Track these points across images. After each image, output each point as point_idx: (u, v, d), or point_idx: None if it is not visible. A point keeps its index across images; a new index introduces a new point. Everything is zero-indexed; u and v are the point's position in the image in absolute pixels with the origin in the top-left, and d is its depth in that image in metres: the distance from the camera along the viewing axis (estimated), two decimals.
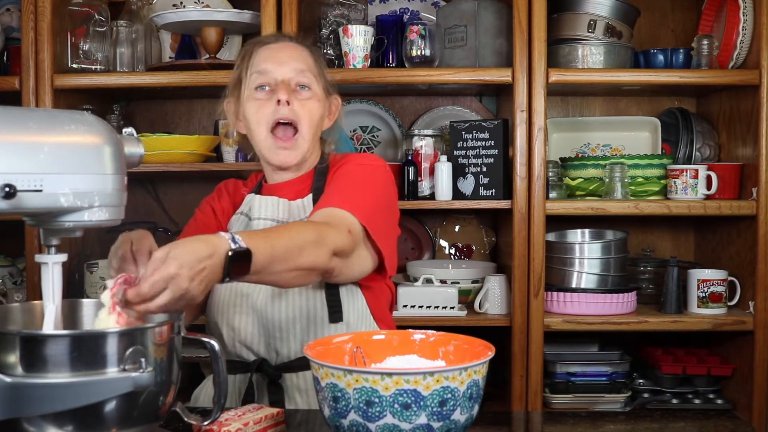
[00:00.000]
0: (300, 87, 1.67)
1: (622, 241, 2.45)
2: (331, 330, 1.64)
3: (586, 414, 1.51)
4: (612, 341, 2.57)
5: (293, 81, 1.67)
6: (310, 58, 1.71)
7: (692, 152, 2.58)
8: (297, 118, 1.65)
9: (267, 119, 1.66)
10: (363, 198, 1.59)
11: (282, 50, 1.70)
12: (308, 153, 1.70)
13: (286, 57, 1.68)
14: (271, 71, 1.67)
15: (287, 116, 1.65)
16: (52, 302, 1.15)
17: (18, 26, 2.57)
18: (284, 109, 1.64)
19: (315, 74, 1.70)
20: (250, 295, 1.65)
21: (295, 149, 1.67)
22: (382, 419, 1.09)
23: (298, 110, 1.66)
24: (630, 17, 2.52)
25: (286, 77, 1.66)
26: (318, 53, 1.76)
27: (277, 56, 1.68)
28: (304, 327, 1.64)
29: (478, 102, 2.81)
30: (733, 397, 2.47)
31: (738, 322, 2.38)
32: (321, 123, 1.72)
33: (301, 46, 1.73)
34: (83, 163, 1.09)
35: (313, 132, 1.69)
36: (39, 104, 2.35)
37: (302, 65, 1.68)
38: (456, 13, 2.46)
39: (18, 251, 2.68)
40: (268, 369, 1.64)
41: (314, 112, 1.68)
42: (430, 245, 2.84)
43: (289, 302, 1.64)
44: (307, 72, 1.68)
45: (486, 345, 1.22)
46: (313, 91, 1.68)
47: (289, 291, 1.64)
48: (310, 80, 1.68)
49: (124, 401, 1.09)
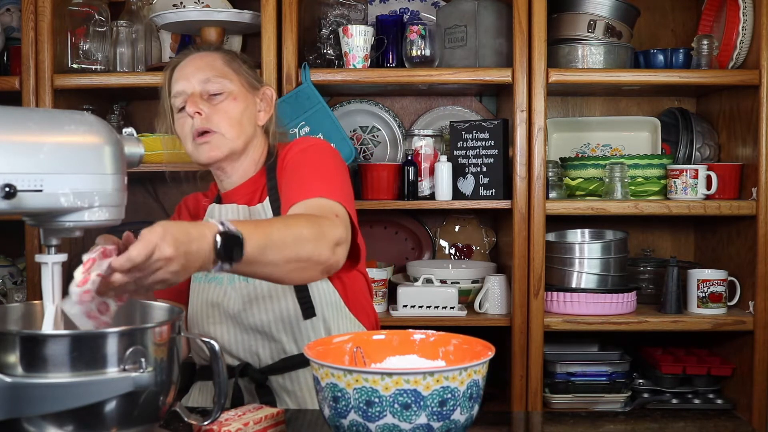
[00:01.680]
0: (212, 95, 1.68)
1: (622, 241, 2.45)
2: (307, 326, 1.65)
3: (586, 414, 1.51)
4: (612, 341, 2.57)
5: (203, 92, 1.67)
6: (219, 60, 1.71)
7: (692, 152, 2.58)
8: (211, 124, 1.66)
9: (189, 133, 1.68)
10: (333, 182, 1.57)
11: (188, 65, 1.70)
12: (237, 147, 1.69)
13: (192, 70, 1.69)
14: (182, 90, 1.69)
15: (202, 126, 1.66)
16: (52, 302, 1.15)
17: (18, 26, 2.57)
18: (197, 120, 1.66)
19: (227, 75, 1.69)
20: (221, 304, 1.67)
21: (215, 142, 1.67)
22: (382, 419, 1.09)
23: (212, 116, 1.66)
24: (630, 17, 2.52)
25: (195, 90, 1.67)
26: (231, 54, 1.76)
27: (184, 73, 1.70)
28: (279, 328, 1.65)
29: (478, 102, 2.81)
30: (733, 397, 2.47)
31: (738, 322, 2.38)
32: (247, 118, 1.71)
33: (210, 52, 1.73)
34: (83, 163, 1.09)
35: (236, 128, 1.68)
36: (39, 104, 2.35)
37: (208, 73, 1.68)
38: (456, 13, 2.46)
39: (18, 251, 2.68)
40: (252, 373, 1.65)
41: (231, 110, 1.68)
42: (430, 245, 2.84)
43: (261, 306, 1.65)
44: (215, 77, 1.67)
45: (486, 345, 1.22)
46: (226, 92, 1.68)
47: (259, 295, 1.64)
48: (221, 84, 1.68)
49: (124, 401, 1.09)
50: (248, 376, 1.66)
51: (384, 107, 2.79)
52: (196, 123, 1.66)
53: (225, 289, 1.67)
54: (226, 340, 1.67)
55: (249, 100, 1.72)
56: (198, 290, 1.71)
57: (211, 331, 1.68)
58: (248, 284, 1.65)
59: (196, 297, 1.71)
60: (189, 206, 1.85)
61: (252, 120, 1.72)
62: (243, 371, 1.65)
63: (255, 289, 1.65)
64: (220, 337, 1.67)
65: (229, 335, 1.67)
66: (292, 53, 2.33)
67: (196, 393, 1.75)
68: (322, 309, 1.66)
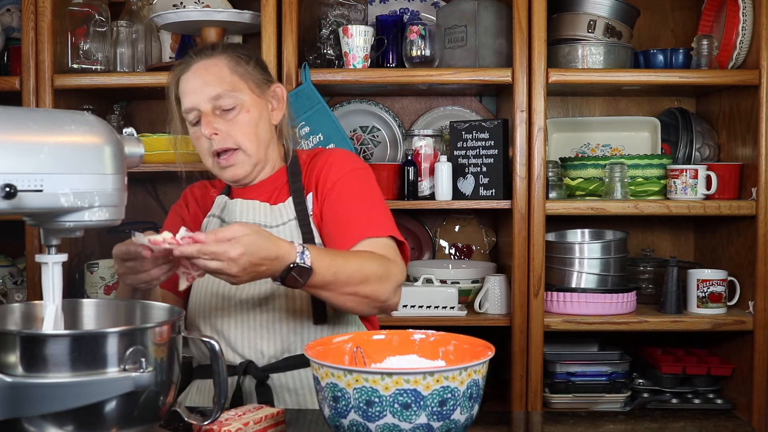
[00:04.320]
0: (225, 110, 1.65)
1: (621, 241, 2.45)
2: (317, 330, 1.65)
3: (586, 414, 1.51)
4: (612, 341, 2.57)
5: (215, 108, 1.65)
6: (225, 68, 1.67)
7: (692, 152, 2.58)
8: (229, 142, 1.65)
9: (208, 151, 1.68)
10: (390, 217, 1.67)
11: (195, 77, 1.67)
12: (259, 158, 1.69)
13: (200, 84, 1.65)
14: (193, 107, 1.66)
15: (220, 146, 1.66)
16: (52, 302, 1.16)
17: (18, 26, 2.57)
18: (215, 141, 1.65)
19: (236, 85, 1.66)
20: (233, 297, 1.66)
21: (240, 163, 1.68)
22: (382, 419, 1.09)
23: (228, 132, 1.65)
24: (630, 17, 2.52)
25: (207, 109, 1.65)
26: (235, 56, 1.70)
27: (192, 87, 1.66)
28: (290, 327, 1.64)
29: (478, 102, 2.82)
30: (733, 397, 2.47)
31: (737, 322, 2.38)
32: (263, 125, 1.69)
33: (214, 59, 1.68)
34: (83, 163, 1.10)
35: (255, 141, 1.67)
36: (39, 104, 2.35)
37: (216, 86, 1.64)
38: (456, 13, 2.46)
39: (18, 251, 2.68)
40: (255, 371, 1.64)
41: (246, 123, 1.66)
42: (430, 245, 2.84)
43: (274, 303, 1.64)
44: (225, 92, 1.64)
45: (486, 345, 1.23)
46: (239, 104, 1.65)
47: (274, 292, 1.64)
48: (231, 96, 1.65)
49: (125, 401, 1.09)
50: (250, 373, 1.64)
51: (384, 107, 2.79)
52: (215, 144, 1.65)
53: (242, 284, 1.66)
54: (232, 335, 1.65)
55: (261, 105, 1.70)
56: (209, 279, 1.67)
57: (217, 323, 1.66)
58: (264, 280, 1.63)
59: (206, 287, 1.68)
60: (196, 195, 1.83)
61: (267, 125, 1.71)
62: (246, 369, 1.64)
63: (270, 285, 1.62)
64: (226, 331, 1.65)
65: (235, 330, 1.65)
66: (292, 53, 2.33)
67: (194, 392, 1.74)
68: (334, 315, 1.66)
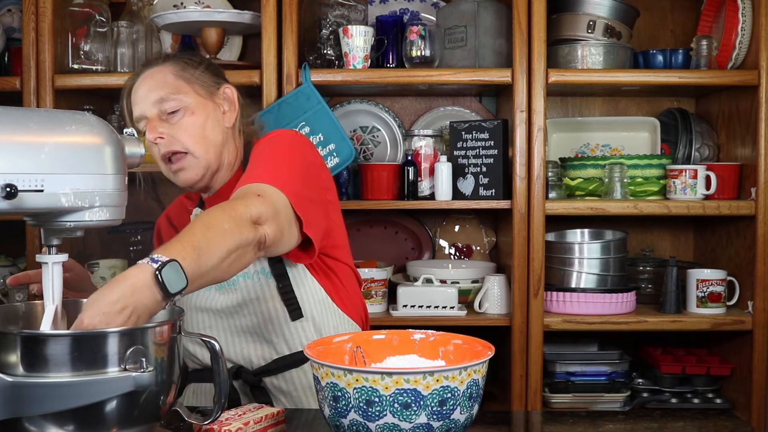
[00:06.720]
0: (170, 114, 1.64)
1: (621, 241, 2.46)
2: (297, 327, 1.64)
3: (586, 413, 1.51)
4: (611, 341, 2.57)
5: (160, 113, 1.64)
6: (169, 74, 1.66)
7: (691, 152, 2.58)
8: (175, 144, 1.64)
9: (159, 158, 1.67)
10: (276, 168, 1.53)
11: (141, 87, 1.67)
12: (209, 161, 1.67)
13: (145, 92, 1.66)
14: (141, 115, 1.66)
15: (167, 150, 1.64)
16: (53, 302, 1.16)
17: (19, 27, 2.57)
18: (161, 146, 1.64)
19: (180, 88, 1.65)
20: (209, 310, 1.67)
21: (190, 167, 1.65)
22: (382, 419, 1.09)
23: (174, 135, 1.64)
24: (629, 18, 2.52)
25: (152, 114, 1.65)
26: (181, 62, 1.69)
27: (138, 97, 1.67)
28: (270, 330, 1.65)
29: (478, 102, 2.82)
30: (732, 396, 2.47)
31: (737, 321, 2.38)
32: (212, 127, 1.67)
33: (159, 67, 1.68)
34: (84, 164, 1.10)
35: (203, 144, 1.65)
36: (40, 104, 2.36)
37: (160, 92, 1.64)
38: (456, 14, 2.46)
39: (18, 251, 2.69)
40: (246, 375, 1.65)
41: (191, 126, 1.64)
42: (430, 245, 2.85)
43: (249, 308, 1.64)
44: (168, 95, 1.64)
45: (486, 345, 1.23)
46: (182, 107, 1.64)
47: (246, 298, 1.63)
48: (174, 99, 1.64)
49: (125, 401, 1.09)
50: (242, 378, 1.66)
51: (384, 107, 2.79)
52: (161, 148, 1.64)
53: (212, 294, 1.67)
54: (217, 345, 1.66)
55: (209, 107, 1.68)
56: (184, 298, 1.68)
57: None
58: (234, 288, 1.64)
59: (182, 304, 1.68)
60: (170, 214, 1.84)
61: (218, 127, 1.68)
62: (236, 374, 1.65)
63: (241, 292, 1.64)
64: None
65: (219, 339, 1.66)
66: (292, 53, 2.33)
67: (190, 395, 1.75)
68: (311, 308, 1.65)
